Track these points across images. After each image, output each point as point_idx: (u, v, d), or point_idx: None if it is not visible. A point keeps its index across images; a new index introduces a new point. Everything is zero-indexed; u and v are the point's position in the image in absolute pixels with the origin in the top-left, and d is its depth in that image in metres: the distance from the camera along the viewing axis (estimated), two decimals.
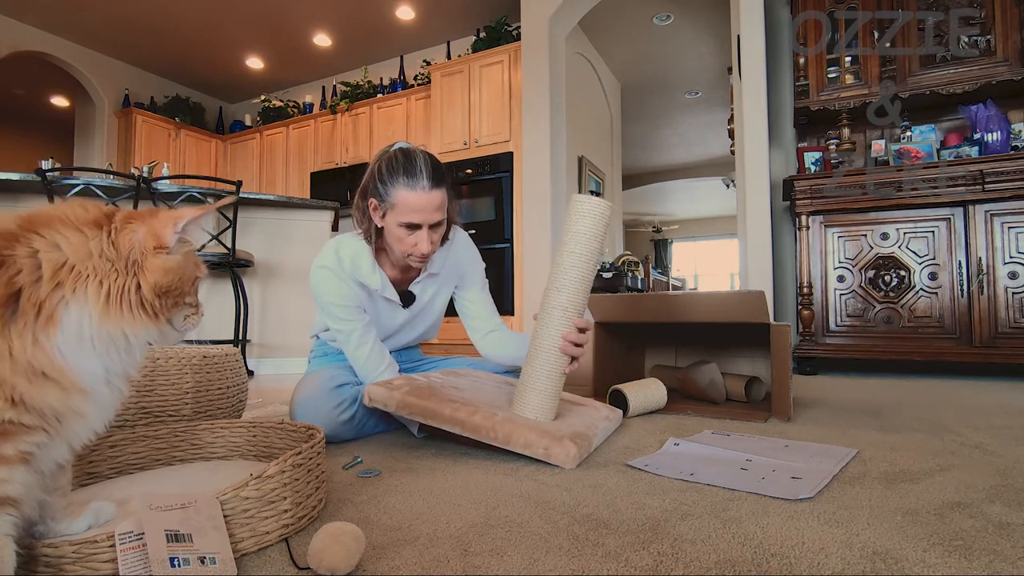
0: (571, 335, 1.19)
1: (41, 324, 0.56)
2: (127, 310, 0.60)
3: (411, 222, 1.29)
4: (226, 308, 3.23)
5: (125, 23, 5.43)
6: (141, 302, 0.61)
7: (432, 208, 1.29)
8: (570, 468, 1.05)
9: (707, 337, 2.10)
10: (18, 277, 0.55)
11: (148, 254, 0.62)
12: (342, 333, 1.38)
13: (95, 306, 0.58)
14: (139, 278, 0.61)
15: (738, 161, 3.42)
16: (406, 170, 1.29)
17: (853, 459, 1.10)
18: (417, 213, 1.28)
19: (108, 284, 0.59)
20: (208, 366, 1.33)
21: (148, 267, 0.61)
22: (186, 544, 0.59)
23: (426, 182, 1.28)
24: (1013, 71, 2.72)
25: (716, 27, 5.14)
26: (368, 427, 1.38)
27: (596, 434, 1.23)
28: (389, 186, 1.30)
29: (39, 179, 2.61)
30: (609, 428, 1.34)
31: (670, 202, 11.22)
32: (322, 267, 1.36)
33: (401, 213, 1.29)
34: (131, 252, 0.61)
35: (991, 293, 2.59)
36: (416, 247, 1.33)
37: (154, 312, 0.62)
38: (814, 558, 0.65)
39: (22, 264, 0.56)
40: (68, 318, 0.57)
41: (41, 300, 0.56)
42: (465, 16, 5.28)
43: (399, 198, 1.28)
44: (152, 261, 0.62)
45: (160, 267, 0.62)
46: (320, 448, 0.83)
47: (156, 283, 0.61)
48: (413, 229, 1.31)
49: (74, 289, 0.57)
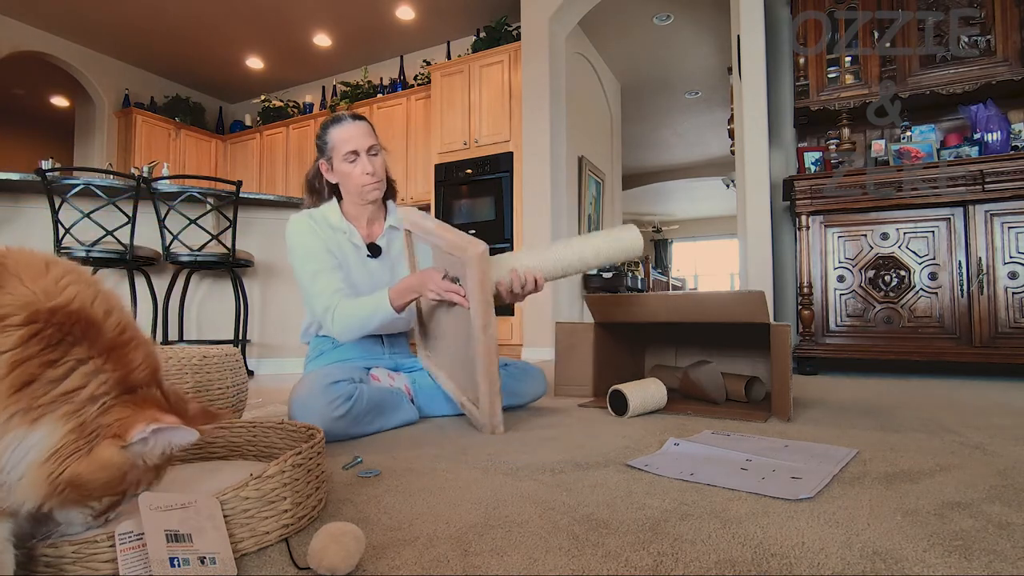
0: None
1: (19, 411, 0.52)
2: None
3: (350, 150, 1.55)
4: (226, 308, 3.23)
5: (125, 23, 5.43)
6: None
7: (361, 134, 1.56)
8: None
9: (707, 337, 2.10)
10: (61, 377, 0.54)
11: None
12: (321, 297, 1.48)
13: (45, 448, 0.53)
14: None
15: (738, 161, 3.42)
16: (333, 120, 1.60)
17: (853, 459, 1.10)
18: (350, 141, 1.55)
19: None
20: (208, 366, 1.33)
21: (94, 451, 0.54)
22: (186, 544, 0.59)
23: (349, 119, 1.58)
24: (1013, 71, 2.72)
25: (716, 27, 5.14)
26: (365, 425, 1.38)
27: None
28: (325, 137, 1.59)
29: (39, 179, 2.61)
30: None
31: (670, 202, 11.22)
32: (296, 219, 1.58)
33: (339, 147, 1.56)
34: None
35: (991, 293, 2.59)
36: (363, 172, 1.56)
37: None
38: (814, 558, 0.65)
39: (71, 366, 0.54)
40: (33, 435, 0.52)
41: (41, 403, 0.53)
42: (465, 16, 5.28)
43: (334, 137, 1.57)
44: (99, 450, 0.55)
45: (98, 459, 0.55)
46: (320, 448, 0.83)
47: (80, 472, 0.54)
48: (355, 157, 1.56)
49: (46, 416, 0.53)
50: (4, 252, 0.59)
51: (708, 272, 12.62)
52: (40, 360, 0.52)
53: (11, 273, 0.56)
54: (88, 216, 2.62)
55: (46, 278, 0.57)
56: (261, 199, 3.20)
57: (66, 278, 0.58)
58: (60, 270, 0.59)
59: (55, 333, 0.54)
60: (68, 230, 2.64)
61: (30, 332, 0.53)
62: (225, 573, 0.60)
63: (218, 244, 2.88)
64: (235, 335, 3.06)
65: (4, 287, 0.54)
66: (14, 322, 0.53)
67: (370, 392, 1.41)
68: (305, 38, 5.72)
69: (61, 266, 0.59)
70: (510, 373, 1.68)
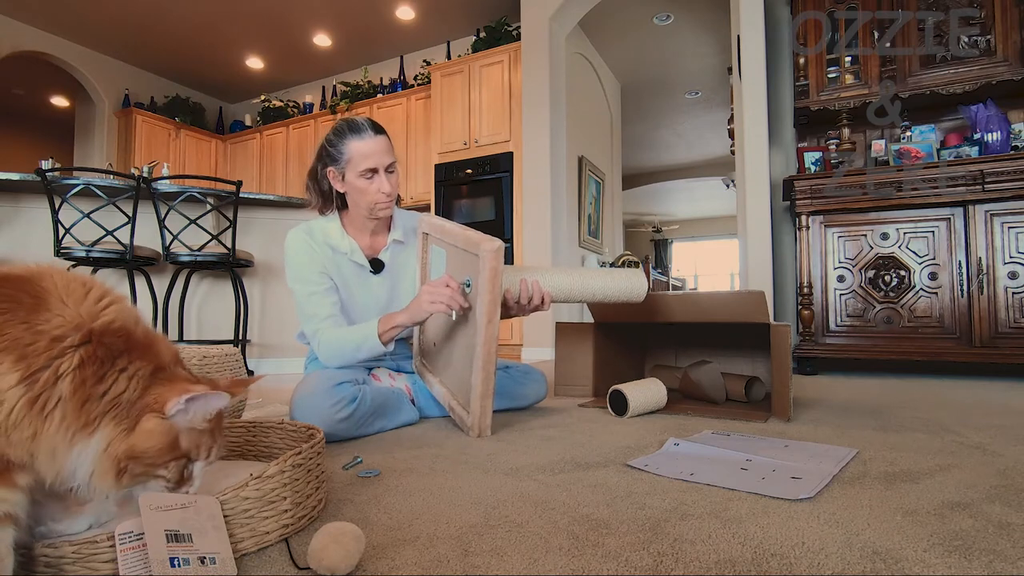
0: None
1: (79, 428, 0.58)
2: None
3: (368, 167, 1.44)
4: (226, 308, 3.23)
5: (125, 23, 5.43)
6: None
7: (381, 151, 1.46)
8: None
9: (707, 337, 2.10)
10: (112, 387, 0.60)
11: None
12: (312, 320, 1.46)
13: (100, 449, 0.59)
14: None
15: (738, 161, 3.42)
16: (351, 127, 1.47)
17: (853, 459, 1.10)
18: (370, 158, 1.44)
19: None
20: (208, 366, 1.33)
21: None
22: (186, 544, 0.60)
23: (370, 131, 1.46)
24: (1013, 71, 2.72)
25: (716, 27, 5.14)
26: (367, 426, 1.38)
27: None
28: (341, 147, 1.46)
29: (39, 179, 2.61)
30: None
31: (670, 202, 11.22)
32: (295, 236, 1.52)
33: (358, 163, 1.45)
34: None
35: (991, 293, 2.59)
36: (379, 191, 1.47)
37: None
38: (814, 558, 0.65)
39: (116, 377, 0.60)
40: (92, 441, 0.59)
41: (94, 415, 0.58)
42: (465, 16, 5.28)
43: (353, 150, 1.45)
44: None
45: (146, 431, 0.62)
46: (320, 448, 0.83)
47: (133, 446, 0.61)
48: (372, 174, 1.46)
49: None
50: (41, 273, 0.63)
51: (708, 272, 12.62)
52: (95, 378, 0.59)
53: (56, 296, 0.61)
54: (88, 216, 2.62)
55: (87, 299, 0.63)
56: (261, 199, 3.20)
57: (105, 299, 0.65)
58: (98, 291, 0.65)
59: (106, 352, 0.60)
60: (68, 230, 2.64)
61: (87, 353, 0.59)
62: (225, 573, 0.60)
63: (218, 244, 2.88)
64: (235, 335, 3.06)
65: (52, 309, 0.59)
66: (72, 343, 0.58)
67: (373, 394, 1.41)
68: (305, 38, 5.72)
69: (97, 287, 0.66)
70: (511, 376, 1.68)
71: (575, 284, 1.48)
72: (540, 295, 1.42)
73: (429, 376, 1.56)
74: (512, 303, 1.41)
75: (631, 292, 1.53)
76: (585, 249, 5.22)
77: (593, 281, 1.50)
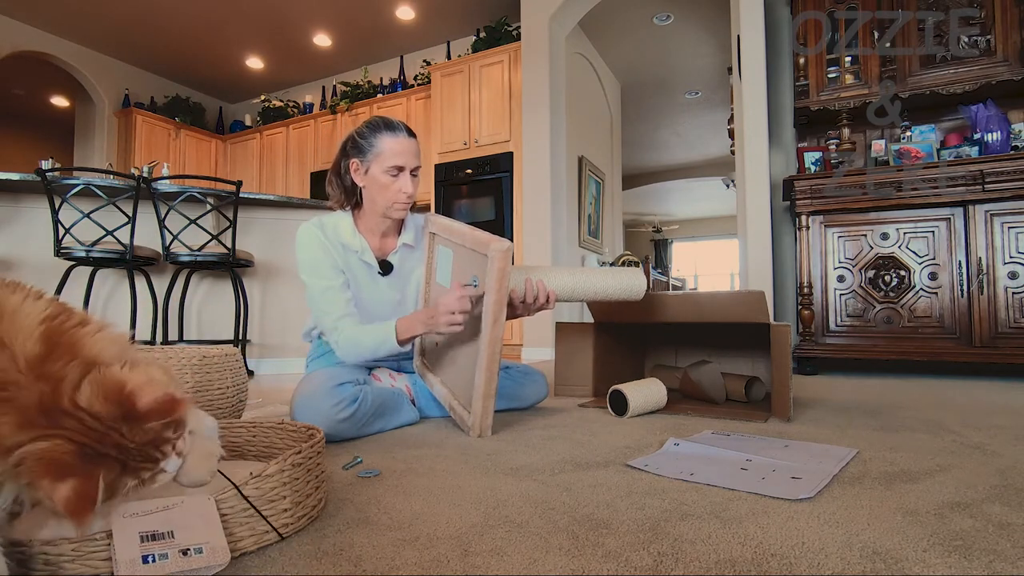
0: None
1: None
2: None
3: (396, 164, 1.46)
4: (226, 308, 3.23)
5: (125, 23, 5.43)
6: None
7: (412, 152, 1.49)
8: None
9: (707, 337, 2.10)
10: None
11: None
12: (329, 316, 1.45)
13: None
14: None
15: (738, 161, 3.42)
16: (386, 124, 1.50)
17: (853, 459, 1.10)
18: (400, 156, 1.47)
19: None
20: (208, 366, 1.33)
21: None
22: (165, 540, 0.59)
23: (404, 132, 1.50)
24: (1013, 71, 2.72)
25: (716, 27, 5.14)
26: (367, 427, 1.38)
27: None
28: (372, 140, 1.48)
29: (39, 179, 2.61)
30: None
31: (670, 202, 11.22)
32: (307, 230, 1.52)
33: (387, 159, 1.46)
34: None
35: (991, 293, 2.58)
36: (401, 190, 1.48)
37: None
38: (814, 558, 0.65)
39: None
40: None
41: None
42: (465, 16, 5.28)
43: (384, 146, 1.47)
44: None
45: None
46: (320, 448, 0.83)
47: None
48: (398, 172, 1.47)
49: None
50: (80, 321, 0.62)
51: (708, 272, 12.62)
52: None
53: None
54: (88, 216, 2.62)
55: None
56: (261, 199, 3.20)
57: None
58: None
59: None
60: (68, 230, 2.64)
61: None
62: (215, 561, 0.60)
63: (218, 244, 2.87)
64: (235, 335, 3.06)
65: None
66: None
67: (374, 394, 1.41)
68: (305, 38, 5.72)
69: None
70: (512, 377, 1.68)
71: (578, 283, 1.49)
72: (545, 294, 1.42)
73: (430, 376, 1.56)
74: (518, 303, 1.41)
75: (631, 290, 1.55)
76: (585, 249, 5.22)
77: (595, 280, 1.52)
